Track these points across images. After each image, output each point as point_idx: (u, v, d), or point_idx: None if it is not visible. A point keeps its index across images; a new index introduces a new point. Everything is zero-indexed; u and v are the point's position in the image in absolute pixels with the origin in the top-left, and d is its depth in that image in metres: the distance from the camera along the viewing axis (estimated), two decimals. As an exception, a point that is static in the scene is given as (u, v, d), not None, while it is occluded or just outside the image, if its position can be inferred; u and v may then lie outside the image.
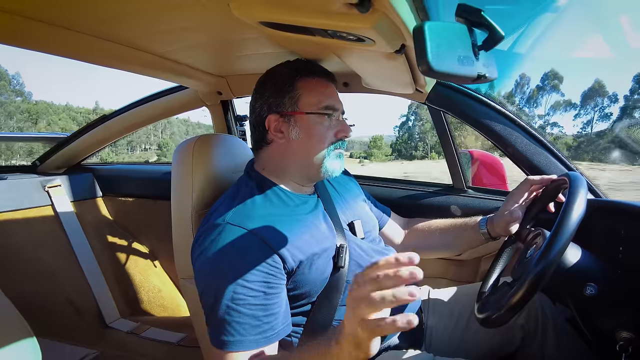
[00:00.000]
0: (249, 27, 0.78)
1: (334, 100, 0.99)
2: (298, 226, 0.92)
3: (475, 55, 0.66)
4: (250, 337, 0.80)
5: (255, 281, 0.82)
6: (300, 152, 0.97)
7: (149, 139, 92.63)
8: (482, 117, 1.32)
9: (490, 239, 1.13)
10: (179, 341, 1.78)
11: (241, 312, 0.80)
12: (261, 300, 0.82)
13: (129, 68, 1.23)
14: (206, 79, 1.50)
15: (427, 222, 1.29)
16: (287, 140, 0.97)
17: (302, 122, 0.96)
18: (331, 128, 0.98)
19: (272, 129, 0.97)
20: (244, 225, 0.85)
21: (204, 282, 0.85)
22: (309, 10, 0.65)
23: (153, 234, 2.23)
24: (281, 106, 0.97)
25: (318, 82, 0.99)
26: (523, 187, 1.07)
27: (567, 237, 0.75)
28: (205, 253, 0.85)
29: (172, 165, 1.09)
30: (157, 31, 0.96)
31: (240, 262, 0.82)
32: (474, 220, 1.17)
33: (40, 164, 2.19)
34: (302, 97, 0.96)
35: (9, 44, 0.93)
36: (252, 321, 0.81)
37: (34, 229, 1.93)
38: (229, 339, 0.80)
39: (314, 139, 0.96)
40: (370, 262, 0.62)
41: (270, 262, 0.84)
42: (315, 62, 1.06)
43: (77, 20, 0.87)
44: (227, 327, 0.80)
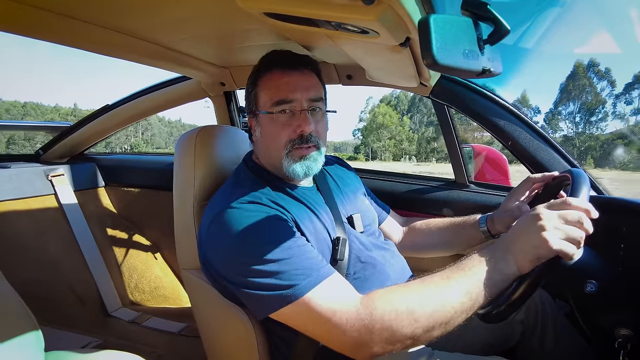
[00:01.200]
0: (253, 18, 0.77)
1: (290, 91, 0.92)
2: (302, 212, 0.93)
3: (481, 49, 0.65)
4: (323, 267, 0.79)
5: (290, 232, 0.83)
6: (264, 153, 0.99)
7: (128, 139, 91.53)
8: (486, 111, 1.32)
9: (490, 237, 1.12)
10: (179, 331, 1.79)
11: (298, 255, 0.79)
12: (305, 242, 0.84)
13: (133, 58, 1.22)
14: (209, 70, 1.49)
15: (426, 221, 1.28)
16: (257, 139, 0.99)
17: (262, 121, 0.96)
18: (287, 125, 0.93)
19: (252, 127, 1.00)
20: (254, 200, 0.87)
21: (237, 263, 0.82)
22: (313, 2, 0.65)
23: (155, 225, 2.24)
24: (250, 106, 0.99)
25: (274, 75, 0.94)
26: (525, 185, 1.06)
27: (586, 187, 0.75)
28: (225, 236, 0.83)
29: (175, 156, 1.09)
30: (161, 21, 0.96)
31: (266, 224, 0.82)
32: (473, 218, 1.16)
33: (43, 153, 2.19)
34: (258, 95, 0.96)
35: (16, 32, 0.94)
36: (314, 255, 0.81)
37: (36, 217, 1.94)
38: (306, 280, 0.76)
39: (269, 138, 0.95)
40: (561, 200, 0.74)
41: (290, 223, 0.86)
42: (281, 51, 1.00)
43: (84, 10, 0.87)
44: (295, 272, 0.77)
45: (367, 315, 0.73)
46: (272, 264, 0.78)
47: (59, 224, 2.02)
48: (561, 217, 0.72)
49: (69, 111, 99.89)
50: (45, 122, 2.33)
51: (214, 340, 1.10)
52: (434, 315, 0.72)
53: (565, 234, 0.71)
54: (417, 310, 0.72)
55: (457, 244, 1.20)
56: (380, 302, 0.74)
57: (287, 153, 0.93)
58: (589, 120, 64.80)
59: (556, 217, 0.72)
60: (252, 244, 0.80)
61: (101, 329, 1.83)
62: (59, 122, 2.26)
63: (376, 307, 0.73)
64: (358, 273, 0.96)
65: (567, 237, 0.70)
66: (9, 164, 1.97)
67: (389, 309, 0.73)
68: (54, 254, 1.92)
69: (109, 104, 2.03)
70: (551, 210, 0.73)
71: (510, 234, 0.77)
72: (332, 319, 0.74)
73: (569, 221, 0.71)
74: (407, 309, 0.72)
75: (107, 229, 2.20)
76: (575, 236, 0.70)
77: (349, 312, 0.74)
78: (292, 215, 0.88)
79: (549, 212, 0.73)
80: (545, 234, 0.70)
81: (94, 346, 1.64)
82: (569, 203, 0.73)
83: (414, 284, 0.77)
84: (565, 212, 0.72)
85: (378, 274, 0.98)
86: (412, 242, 1.28)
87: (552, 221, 0.72)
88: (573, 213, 0.71)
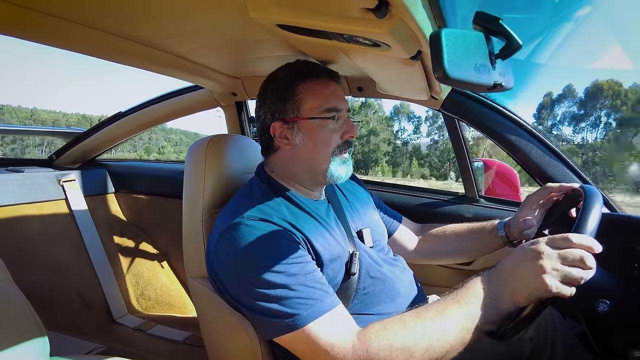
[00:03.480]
0: (266, 29, 0.79)
1: (337, 100, 0.96)
2: (314, 228, 0.92)
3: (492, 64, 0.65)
4: (326, 299, 0.80)
5: (298, 256, 0.82)
6: (305, 158, 0.96)
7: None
8: (497, 126, 1.31)
9: (508, 243, 1.10)
10: (184, 340, 1.78)
11: (304, 282, 0.79)
12: (313, 269, 0.83)
13: (147, 67, 1.24)
14: (221, 80, 1.51)
15: (442, 227, 1.26)
16: (293, 146, 0.96)
17: (306, 127, 0.95)
18: (336, 130, 0.96)
19: (277, 135, 0.96)
20: (265, 218, 0.86)
21: (243, 282, 0.83)
22: (326, 14, 0.65)
23: (163, 232, 2.25)
24: (283, 113, 0.95)
25: (319, 83, 0.96)
26: (541, 193, 1.04)
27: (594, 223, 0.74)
28: (233, 253, 0.84)
29: (185, 164, 1.09)
30: (175, 32, 0.98)
31: (274, 246, 0.82)
32: (491, 224, 1.14)
33: (56, 158, 2.22)
34: (303, 102, 0.94)
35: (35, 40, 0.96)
36: (318, 285, 0.81)
37: (47, 222, 1.96)
38: (307, 311, 0.77)
39: (318, 144, 0.95)
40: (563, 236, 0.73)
41: (299, 244, 0.85)
42: (316, 62, 1.03)
43: (101, 20, 0.89)
44: (298, 301, 0.78)
45: (363, 352, 0.75)
46: (277, 289, 0.78)
47: (69, 228, 2.03)
48: (562, 257, 0.71)
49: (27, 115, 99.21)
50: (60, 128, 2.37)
51: (218, 350, 1.09)
52: (429, 351, 0.74)
53: (564, 276, 0.71)
54: (412, 347, 0.74)
55: (475, 250, 1.19)
56: (376, 338, 0.76)
57: (335, 158, 0.95)
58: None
59: (556, 257, 0.71)
60: (259, 266, 0.80)
61: (106, 335, 1.83)
62: (72, 128, 2.29)
63: (372, 343, 0.76)
64: (367, 288, 0.95)
65: (567, 279, 0.71)
66: (23, 168, 1.99)
67: (384, 345, 0.75)
68: (62, 259, 1.93)
69: (122, 111, 2.05)
70: (552, 248, 0.72)
71: (508, 267, 0.77)
72: (330, 353, 0.76)
73: (570, 261, 0.71)
74: (402, 345, 0.74)
75: (116, 235, 2.22)
76: (576, 277, 0.70)
77: (346, 347, 0.76)
78: (304, 233, 0.88)
79: (550, 251, 0.72)
80: (545, 277, 0.71)
81: (98, 352, 1.64)
82: (572, 240, 0.71)
83: (410, 318, 0.79)
84: (566, 252, 0.71)
85: (388, 290, 0.97)
86: (427, 249, 1.26)
87: (552, 262, 0.71)
88: (575, 252, 0.71)
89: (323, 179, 0.97)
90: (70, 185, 2.10)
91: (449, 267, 1.54)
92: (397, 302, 0.98)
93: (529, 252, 0.74)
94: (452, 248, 1.22)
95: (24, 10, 0.78)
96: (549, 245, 0.73)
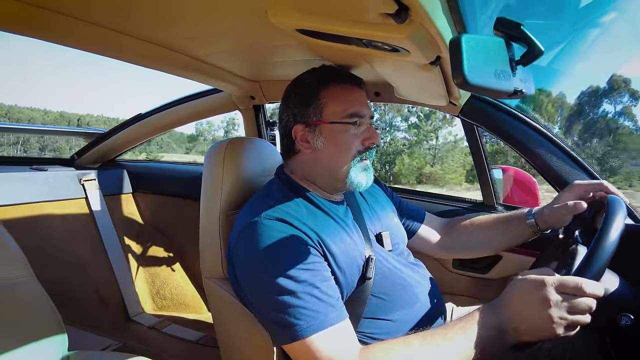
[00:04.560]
0: (285, 33, 0.79)
1: (360, 106, 0.96)
2: (331, 229, 0.92)
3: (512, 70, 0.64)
4: (331, 314, 0.79)
5: (310, 262, 0.82)
6: (326, 162, 0.96)
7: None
8: (517, 133, 1.29)
9: (538, 232, 1.08)
10: (198, 340, 1.80)
11: (311, 292, 0.79)
12: (324, 278, 0.83)
13: (166, 69, 1.26)
14: (240, 83, 1.53)
15: (469, 220, 1.24)
16: (313, 150, 0.96)
17: (327, 131, 0.94)
18: (357, 136, 0.95)
19: (299, 138, 0.96)
20: (281, 218, 0.86)
21: (256, 281, 0.84)
22: (346, 19, 0.65)
23: (180, 233, 2.28)
24: (306, 116, 0.95)
25: (343, 89, 0.96)
26: (576, 191, 1.01)
27: (601, 263, 0.72)
28: (248, 252, 0.85)
29: (204, 166, 1.11)
30: (195, 35, 0.99)
31: (288, 249, 0.82)
32: (520, 212, 1.12)
33: (77, 158, 2.27)
34: (326, 106, 0.94)
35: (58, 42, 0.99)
36: (325, 297, 0.80)
37: (68, 220, 2.00)
38: (309, 322, 0.77)
39: (340, 148, 0.94)
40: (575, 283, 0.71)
41: (314, 248, 0.85)
42: (341, 67, 1.04)
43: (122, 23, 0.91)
44: (302, 311, 0.78)
45: None
46: (284, 296, 0.79)
47: (88, 227, 2.08)
48: (571, 307, 0.71)
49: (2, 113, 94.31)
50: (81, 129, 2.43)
51: (232, 351, 1.10)
52: None
53: (571, 322, 0.71)
54: None
55: (503, 241, 1.17)
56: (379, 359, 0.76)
57: (355, 164, 0.95)
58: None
59: (565, 307, 0.71)
60: (270, 268, 0.81)
61: (122, 333, 1.86)
62: (94, 128, 2.34)
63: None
64: (384, 294, 0.93)
65: (573, 324, 0.72)
66: (46, 167, 2.05)
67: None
68: (81, 256, 1.97)
69: (142, 113, 2.09)
70: (561, 295, 0.71)
71: (515, 306, 0.77)
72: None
73: (579, 310, 0.71)
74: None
75: (133, 234, 2.26)
76: (582, 322, 0.71)
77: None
78: (320, 235, 0.88)
79: (558, 300, 0.71)
80: (553, 325, 0.71)
81: (113, 349, 1.67)
82: (584, 291, 0.70)
83: (416, 341, 0.78)
84: (576, 302, 0.71)
85: (406, 295, 0.96)
86: (454, 242, 1.24)
87: (560, 311, 0.71)
88: (585, 302, 0.71)
89: (343, 185, 0.97)
90: (90, 185, 2.14)
91: (465, 275, 1.53)
92: (415, 309, 0.96)
93: (536, 295, 0.73)
94: (479, 240, 1.20)
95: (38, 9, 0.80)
96: (558, 290, 0.72)
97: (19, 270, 0.87)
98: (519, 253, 1.40)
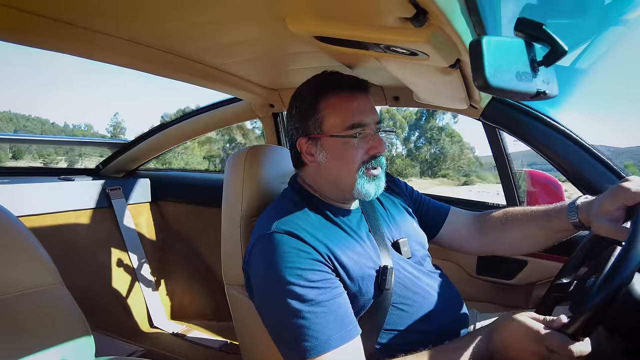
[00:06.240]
0: (303, 41, 0.80)
1: (361, 115, 0.91)
2: (343, 241, 0.90)
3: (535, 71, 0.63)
4: (337, 334, 0.78)
5: (318, 280, 0.80)
6: (330, 175, 0.94)
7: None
8: (541, 136, 1.26)
9: (581, 228, 0.97)
10: (220, 347, 1.81)
11: (317, 312, 0.78)
12: (332, 296, 0.81)
13: (187, 79, 1.29)
14: (259, 92, 1.54)
15: (502, 212, 1.14)
16: (318, 163, 0.94)
17: (329, 145, 0.92)
18: (360, 147, 0.91)
19: (304, 151, 0.95)
20: (291, 231, 0.85)
21: (264, 297, 0.85)
22: (363, 25, 0.65)
23: (202, 240, 2.31)
24: (307, 130, 0.93)
25: (341, 98, 0.92)
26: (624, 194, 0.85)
27: (633, 267, 0.69)
28: (259, 267, 0.85)
29: (225, 173, 1.12)
30: (214, 44, 1.01)
31: (296, 265, 0.81)
32: (561, 205, 1.01)
33: (103, 168, 2.34)
34: (325, 119, 0.91)
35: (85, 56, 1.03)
36: (331, 317, 0.79)
37: (94, 228, 2.06)
38: (313, 343, 0.76)
39: (342, 161, 0.92)
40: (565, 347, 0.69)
41: (323, 263, 0.83)
42: (342, 74, 0.98)
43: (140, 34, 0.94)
44: (307, 331, 0.77)
45: None
46: (289, 315, 0.78)
47: (113, 235, 2.13)
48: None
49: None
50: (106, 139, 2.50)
51: (253, 358, 1.10)
52: None
53: None
54: None
55: (542, 239, 1.06)
56: None
57: (361, 175, 0.92)
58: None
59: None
60: (278, 286, 0.80)
61: (146, 339, 1.90)
62: (118, 139, 2.40)
63: None
64: (404, 304, 0.91)
65: None
66: (73, 177, 2.11)
67: None
68: (107, 264, 2.02)
69: (164, 123, 2.14)
70: (553, 352, 0.70)
71: (506, 345, 0.76)
72: None
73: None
74: None
75: (157, 242, 2.30)
76: None
77: None
78: (331, 248, 0.86)
79: (548, 356, 0.70)
80: None
81: (139, 355, 1.69)
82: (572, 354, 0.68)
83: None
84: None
85: (428, 305, 0.93)
86: (486, 240, 1.15)
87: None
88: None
89: (351, 196, 0.94)
90: (115, 194, 2.20)
91: (487, 281, 1.50)
92: (437, 319, 0.94)
93: (529, 346, 0.73)
94: (516, 237, 1.09)
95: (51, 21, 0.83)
96: (549, 348, 0.70)
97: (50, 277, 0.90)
98: (546, 258, 1.37)
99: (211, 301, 2.22)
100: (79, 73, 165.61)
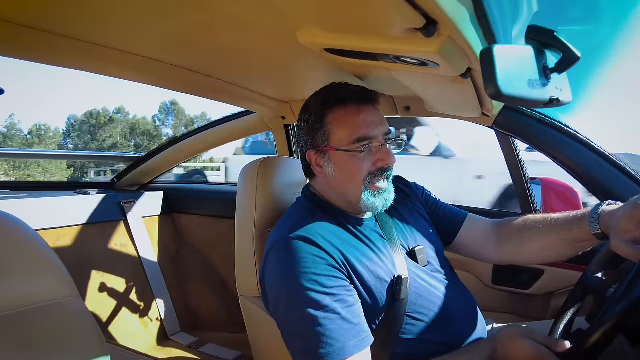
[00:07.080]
0: (314, 54, 0.81)
1: (368, 128, 0.90)
2: (356, 248, 0.89)
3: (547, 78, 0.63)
4: (351, 341, 0.77)
5: (333, 286, 0.80)
6: (338, 188, 0.95)
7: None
8: (555, 143, 1.24)
9: (604, 239, 0.90)
10: (235, 359, 1.81)
11: (332, 318, 0.78)
12: (347, 303, 0.81)
13: (199, 93, 1.31)
14: (271, 105, 1.56)
15: (521, 224, 1.07)
16: (326, 175, 0.94)
17: (336, 158, 0.92)
18: (367, 159, 0.91)
19: (313, 163, 0.96)
20: (306, 237, 0.85)
21: (279, 303, 0.84)
22: (373, 36, 0.66)
23: (216, 252, 2.32)
24: (315, 142, 0.94)
25: (347, 111, 0.91)
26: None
27: None
28: (274, 272, 0.85)
29: (238, 185, 1.13)
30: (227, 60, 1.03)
31: (311, 271, 0.80)
32: (582, 213, 0.95)
33: (117, 181, 2.37)
34: (332, 133, 0.92)
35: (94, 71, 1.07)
36: (346, 325, 0.78)
37: (109, 241, 2.08)
38: (327, 350, 0.76)
39: (348, 174, 0.92)
40: None
41: (338, 270, 0.83)
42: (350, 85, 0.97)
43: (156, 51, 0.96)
44: (321, 338, 0.76)
45: None
46: (303, 321, 0.78)
47: (128, 248, 2.15)
48: None
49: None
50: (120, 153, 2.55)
51: (268, 371, 1.09)
52: None
53: None
54: None
55: (562, 250, 1.01)
56: None
57: (366, 187, 0.91)
58: None
59: None
60: (292, 292, 0.81)
61: (160, 352, 1.90)
62: (132, 153, 2.44)
63: None
64: (420, 313, 0.90)
65: None
66: (89, 191, 2.15)
67: None
68: (121, 276, 2.04)
69: (177, 136, 2.17)
70: None
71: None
72: None
73: None
74: None
75: (171, 254, 2.31)
76: None
77: None
78: (345, 255, 0.86)
79: None
80: None
81: (153, 368, 1.70)
82: None
83: None
84: None
85: (444, 315, 0.92)
86: (505, 249, 1.09)
87: None
88: None
89: (358, 209, 0.94)
90: (129, 207, 2.22)
91: (503, 291, 1.48)
92: (453, 328, 0.92)
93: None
94: (536, 247, 1.04)
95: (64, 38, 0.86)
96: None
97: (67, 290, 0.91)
98: (564, 267, 1.34)
99: (225, 313, 2.21)
100: None
